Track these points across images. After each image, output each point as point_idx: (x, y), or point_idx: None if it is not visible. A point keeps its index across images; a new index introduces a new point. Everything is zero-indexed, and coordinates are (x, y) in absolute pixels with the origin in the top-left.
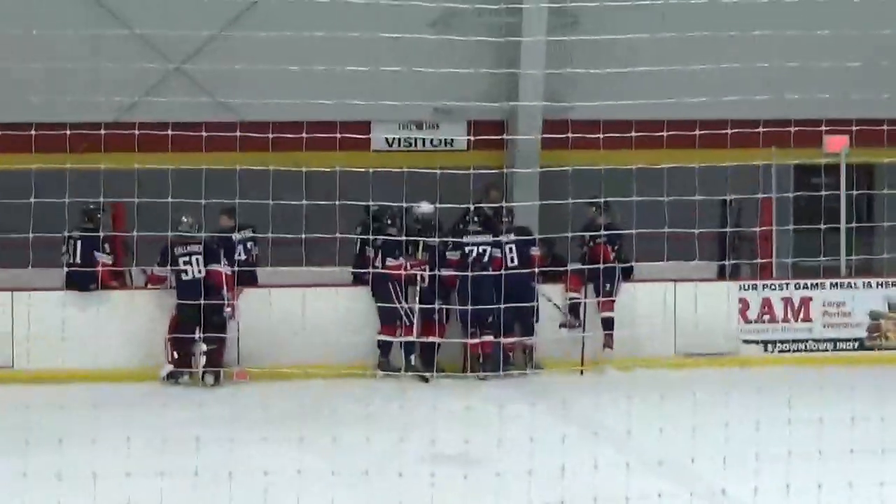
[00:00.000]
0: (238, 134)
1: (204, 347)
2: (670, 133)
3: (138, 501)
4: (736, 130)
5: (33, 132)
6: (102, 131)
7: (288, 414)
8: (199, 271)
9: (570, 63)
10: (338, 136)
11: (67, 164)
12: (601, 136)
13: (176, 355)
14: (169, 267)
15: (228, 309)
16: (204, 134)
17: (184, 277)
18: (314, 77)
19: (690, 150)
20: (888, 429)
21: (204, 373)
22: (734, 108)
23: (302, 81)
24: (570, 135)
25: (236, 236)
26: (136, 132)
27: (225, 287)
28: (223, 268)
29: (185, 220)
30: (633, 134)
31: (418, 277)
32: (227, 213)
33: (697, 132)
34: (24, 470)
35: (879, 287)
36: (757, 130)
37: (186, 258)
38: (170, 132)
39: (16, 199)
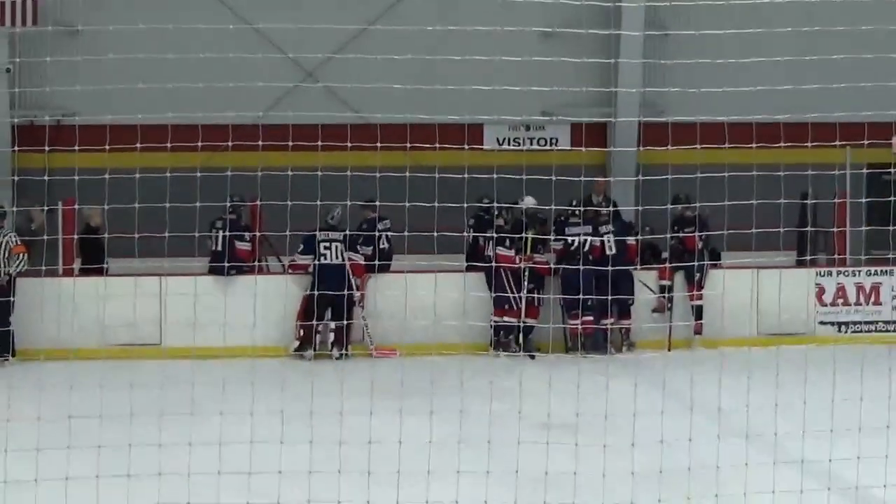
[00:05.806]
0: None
1: (333, 325)
2: (759, 135)
3: (259, 468)
4: (816, 144)
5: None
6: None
7: (416, 387)
8: (338, 258)
9: (663, 73)
10: (466, 141)
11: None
12: (698, 142)
13: (302, 333)
14: (312, 256)
15: (358, 294)
16: (348, 144)
17: (323, 262)
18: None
19: (776, 150)
20: None
21: (332, 347)
22: (813, 108)
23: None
24: (670, 143)
25: (380, 227)
26: (290, 136)
27: (354, 275)
28: (358, 257)
29: (337, 212)
30: (727, 136)
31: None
32: (369, 207)
33: (782, 135)
34: (158, 440)
35: None
36: (833, 137)
37: (327, 244)
38: (319, 137)
39: (152, 194)
